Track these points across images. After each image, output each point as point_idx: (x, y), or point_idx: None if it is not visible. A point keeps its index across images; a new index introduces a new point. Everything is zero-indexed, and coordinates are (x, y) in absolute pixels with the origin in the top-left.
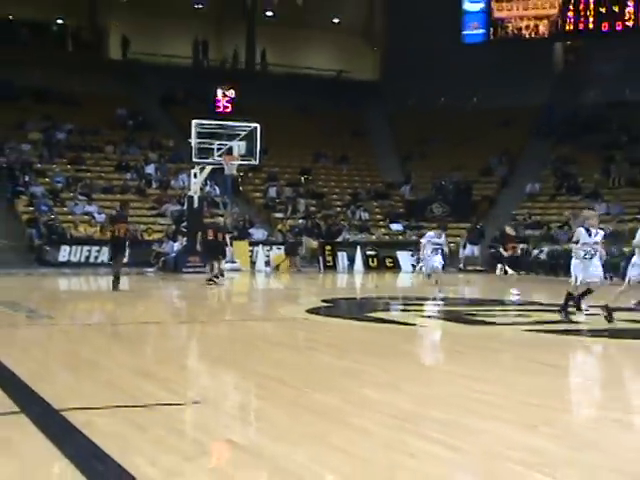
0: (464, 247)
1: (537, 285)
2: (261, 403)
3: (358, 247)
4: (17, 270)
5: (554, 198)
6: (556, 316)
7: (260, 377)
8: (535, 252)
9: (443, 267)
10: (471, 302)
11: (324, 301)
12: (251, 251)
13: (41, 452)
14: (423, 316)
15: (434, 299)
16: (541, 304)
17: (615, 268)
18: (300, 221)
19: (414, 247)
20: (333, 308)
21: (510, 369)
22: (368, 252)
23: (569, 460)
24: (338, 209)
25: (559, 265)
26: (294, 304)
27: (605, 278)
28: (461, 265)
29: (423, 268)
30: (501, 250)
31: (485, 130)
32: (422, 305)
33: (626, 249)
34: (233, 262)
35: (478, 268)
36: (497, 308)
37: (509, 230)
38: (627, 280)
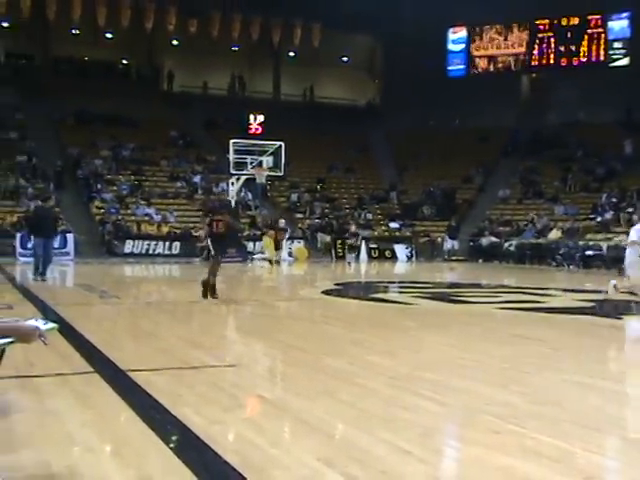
0: (446, 241)
1: (506, 272)
2: (285, 366)
3: (363, 241)
4: (91, 260)
5: (521, 201)
6: (522, 296)
7: (284, 345)
8: (506, 245)
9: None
10: (453, 285)
11: (336, 284)
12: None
13: (112, 404)
14: (415, 296)
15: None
16: (509, 287)
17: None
18: (316, 220)
19: (408, 241)
20: (343, 290)
21: (486, 340)
22: (371, 245)
23: (536, 414)
24: (347, 211)
25: (525, 255)
26: (312, 287)
27: None
28: (445, 256)
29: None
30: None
31: (466, 146)
32: (414, 288)
33: (581, 242)
34: (262, 253)
35: (460, 258)
36: (474, 290)
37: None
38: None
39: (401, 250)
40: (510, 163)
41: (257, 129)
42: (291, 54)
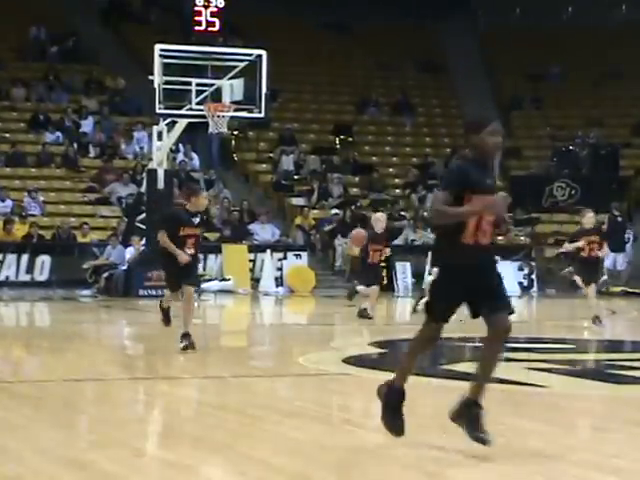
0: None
1: None
2: None
3: (429, 254)
4: None
5: None
6: None
7: (265, 472)
8: None
9: None
10: (617, 346)
11: (374, 344)
12: (253, 261)
13: None
14: (540, 369)
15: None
16: None
17: None
18: (333, 212)
19: (523, 254)
20: (388, 356)
21: None
22: None
23: None
24: (397, 191)
25: None
26: (324, 349)
27: None
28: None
29: None
30: None
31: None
32: (537, 352)
33: None
34: (223, 280)
35: (632, 289)
36: None
37: None
38: None
39: (509, 273)
40: None
41: (211, 23)
42: None
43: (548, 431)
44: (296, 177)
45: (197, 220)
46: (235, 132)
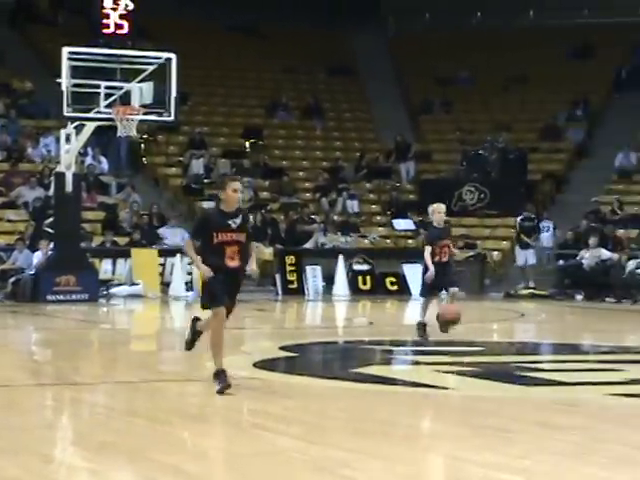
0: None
1: (635, 320)
2: None
3: (340, 258)
4: None
5: None
6: None
7: (175, 478)
8: (630, 266)
9: None
10: (525, 348)
11: (284, 348)
12: (163, 265)
13: None
14: (449, 371)
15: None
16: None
17: None
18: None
19: None
20: (298, 360)
21: (589, 463)
22: (357, 266)
23: None
24: (307, 195)
25: None
26: (234, 353)
27: None
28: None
29: None
30: None
31: (550, 63)
32: (446, 354)
33: None
34: (133, 284)
35: (538, 292)
36: (568, 359)
37: None
38: None
39: (419, 276)
40: (638, 100)
41: (119, 26)
42: None
43: (456, 432)
44: (206, 181)
45: (237, 222)
46: (144, 135)
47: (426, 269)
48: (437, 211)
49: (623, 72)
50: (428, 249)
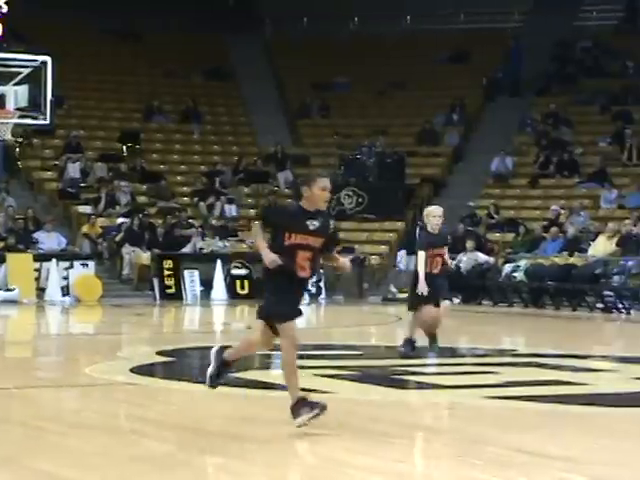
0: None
1: (509, 322)
2: None
3: (218, 262)
4: None
5: (536, 181)
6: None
7: None
8: (506, 269)
9: None
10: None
11: (161, 353)
12: (38, 270)
13: None
14: (327, 376)
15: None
16: (514, 353)
17: None
18: (121, 220)
19: None
20: (176, 365)
21: (460, 464)
22: (235, 271)
23: None
24: (185, 199)
25: (544, 290)
26: (111, 359)
27: None
28: (391, 289)
29: None
30: None
31: (426, 68)
32: (326, 358)
33: None
34: (8, 290)
35: None
36: (446, 362)
37: None
38: None
39: None
40: (513, 105)
41: None
42: None
43: (335, 437)
44: (82, 185)
45: (316, 224)
46: (20, 139)
47: (416, 278)
48: (432, 215)
49: (498, 77)
50: (421, 255)
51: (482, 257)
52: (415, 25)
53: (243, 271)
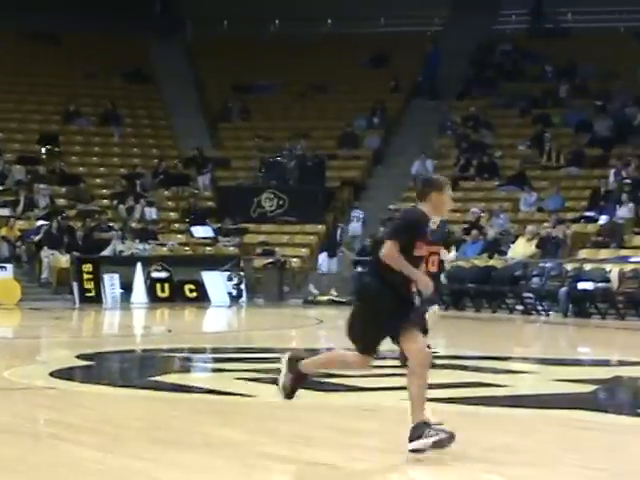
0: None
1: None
2: None
3: (138, 265)
4: None
5: (456, 183)
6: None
7: None
8: None
9: None
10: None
11: (81, 357)
12: None
13: None
14: (248, 379)
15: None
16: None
17: None
18: (40, 223)
19: (233, 265)
20: (96, 369)
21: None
22: (155, 274)
23: None
24: (105, 202)
25: (464, 292)
26: (30, 363)
27: None
28: (312, 292)
29: None
30: None
31: (348, 71)
32: (248, 361)
33: (571, 266)
34: None
35: (339, 299)
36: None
37: None
38: None
39: (218, 283)
40: (434, 108)
41: None
42: None
43: (254, 439)
44: (0, 187)
45: (431, 233)
46: None
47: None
48: None
49: (418, 80)
50: None
51: None
52: (336, 28)
53: (163, 274)
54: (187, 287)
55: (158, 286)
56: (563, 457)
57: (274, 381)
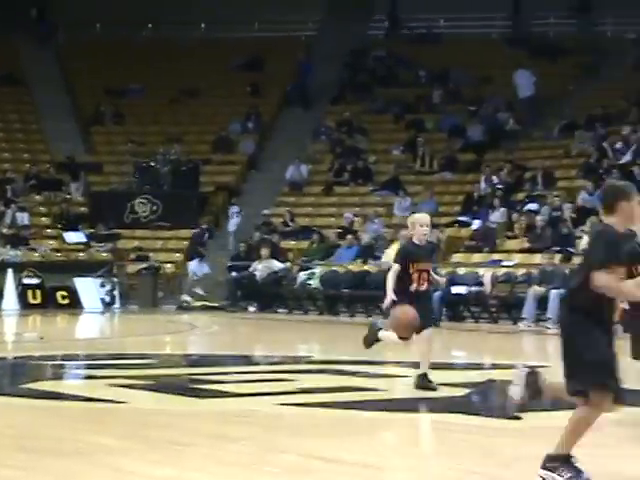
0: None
1: (305, 329)
2: None
3: (9, 271)
4: None
5: (330, 189)
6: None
7: None
8: (301, 277)
9: None
10: (201, 360)
11: None
12: None
13: None
14: (121, 386)
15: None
16: (310, 361)
17: None
18: None
19: (105, 271)
20: None
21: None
22: (27, 280)
23: None
24: None
25: (339, 297)
26: None
27: None
28: (185, 298)
29: None
30: None
31: (222, 76)
32: (120, 368)
33: (445, 270)
34: None
35: (210, 304)
36: (241, 370)
37: None
38: None
39: (91, 289)
40: (308, 113)
41: None
42: None
43: (129, 446)
44: None
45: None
46: None
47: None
48: (419, 223)
49: (291, 85)
50: (394, 268)
51: (277, 265)
52: (210, 32)
53: (35, 280)
54: (59, 293)
55: (30, 292)
56: (437, 460)
57: (148, 387)
